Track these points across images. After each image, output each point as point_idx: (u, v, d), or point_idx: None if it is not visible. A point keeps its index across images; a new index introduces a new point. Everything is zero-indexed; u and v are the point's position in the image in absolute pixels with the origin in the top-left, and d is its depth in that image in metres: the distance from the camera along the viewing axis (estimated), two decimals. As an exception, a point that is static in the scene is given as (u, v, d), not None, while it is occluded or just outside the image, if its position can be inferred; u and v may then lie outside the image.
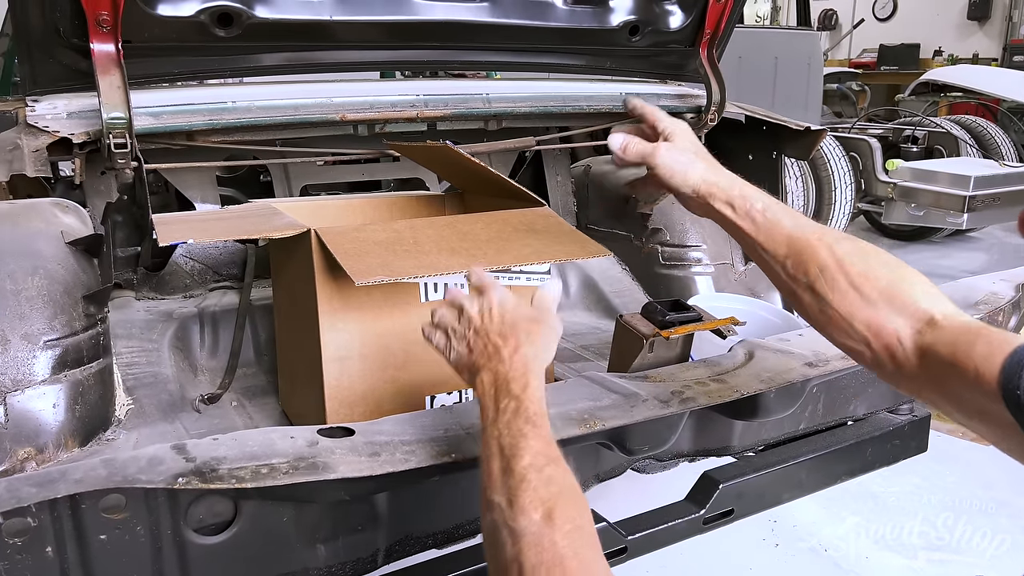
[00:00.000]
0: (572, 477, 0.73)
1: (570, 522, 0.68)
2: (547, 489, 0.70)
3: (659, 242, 2.11)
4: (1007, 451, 0.74)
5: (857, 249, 0.87)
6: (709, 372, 1.10)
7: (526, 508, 0.68)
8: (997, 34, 9.93)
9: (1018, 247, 5.18)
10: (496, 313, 0.89)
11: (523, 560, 0.65)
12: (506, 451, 0.74)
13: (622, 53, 1.80)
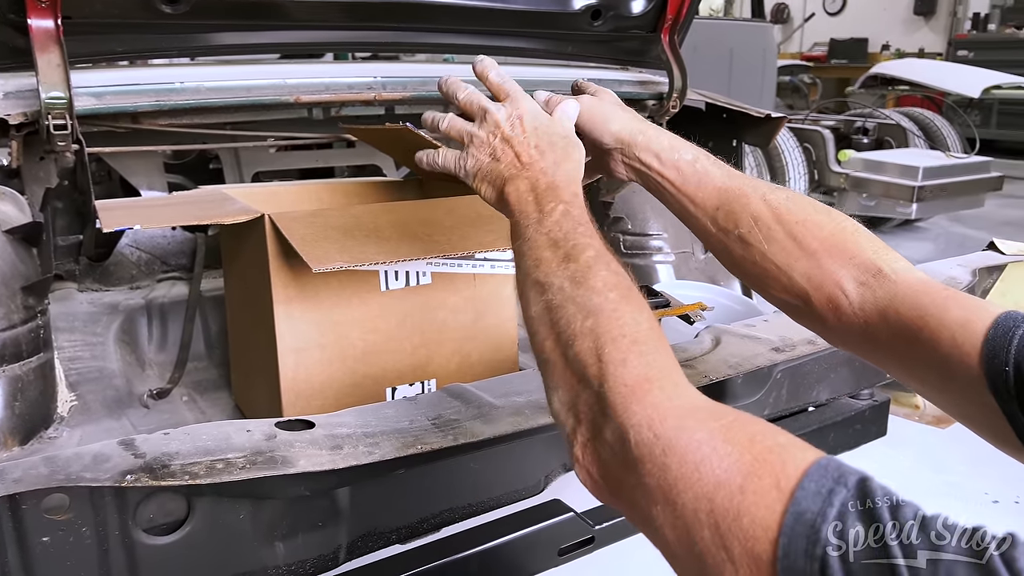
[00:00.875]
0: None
1: (646, 311, 0.60)
2: (619, 278, 0.63)
3: (621, 231, 2.10)
4: (974, 426, 0.70)
5: (793, 197, 0.82)
6: (678, 358, 1.08)
7: (599, 289, 0.61)
8: (942, 29, 10.19)
9: (963, 236, 5.31)
10: (529, 124, 0.81)
11: (600, 332, 0.57)
12: (562, 244, 0.66)
13: (584, 38, 1.77)
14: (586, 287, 0.61)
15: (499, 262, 1.34)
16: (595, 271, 0.62)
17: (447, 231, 1.21)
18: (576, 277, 0.62)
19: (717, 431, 0.48)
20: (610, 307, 0.58)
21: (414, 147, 1.46)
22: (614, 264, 0.64)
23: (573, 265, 0.63)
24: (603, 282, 0.61)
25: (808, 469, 0.43)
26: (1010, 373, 0.64)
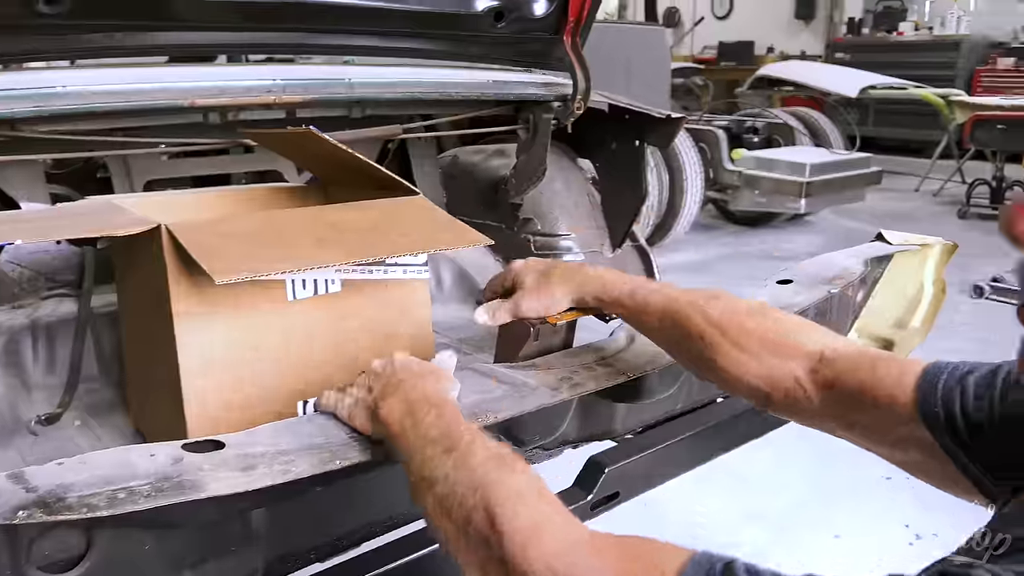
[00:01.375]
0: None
1: (526, 470, 0.66)
2: (496, 451, 0.68)
3: (531, 231, 2.11)
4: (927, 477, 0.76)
5: (730, 306, 0.90)
6: (595, 356, 1.09)
7: (480, 464, 0.66)
8: (821, 33, 10.75)
9: (848, 228, 5.61)
10: (399, 362, 0.90)
11: (488, 499, 0.62)
12: (440, 440, 0.71)
13: (487, 40, 1.76)
14: (468, 468, 0.66)
15: (412, 267, 1.32)
16: (473, 451, 0.68)
17: (357, 235, 1.17)
18: (458, 463, 0.68)
19: (607, 558, 0.55)
20: (492, 477, 0.64)
21: (318, 150, 1.42)
22: (490, 442, 0.70)
23: (455, 454, 0.69)
24: (482, 458, 0.67)
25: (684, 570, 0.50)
26: (940, 412, 0.70)
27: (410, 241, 1.19)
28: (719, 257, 5.08)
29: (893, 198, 6.75)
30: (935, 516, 2.16)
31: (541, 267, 1.07)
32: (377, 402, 0.82)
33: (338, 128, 1.70)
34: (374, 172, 1.35)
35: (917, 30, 9.49)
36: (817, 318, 1.44)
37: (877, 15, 9.97)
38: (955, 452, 0.70)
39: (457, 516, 0.64)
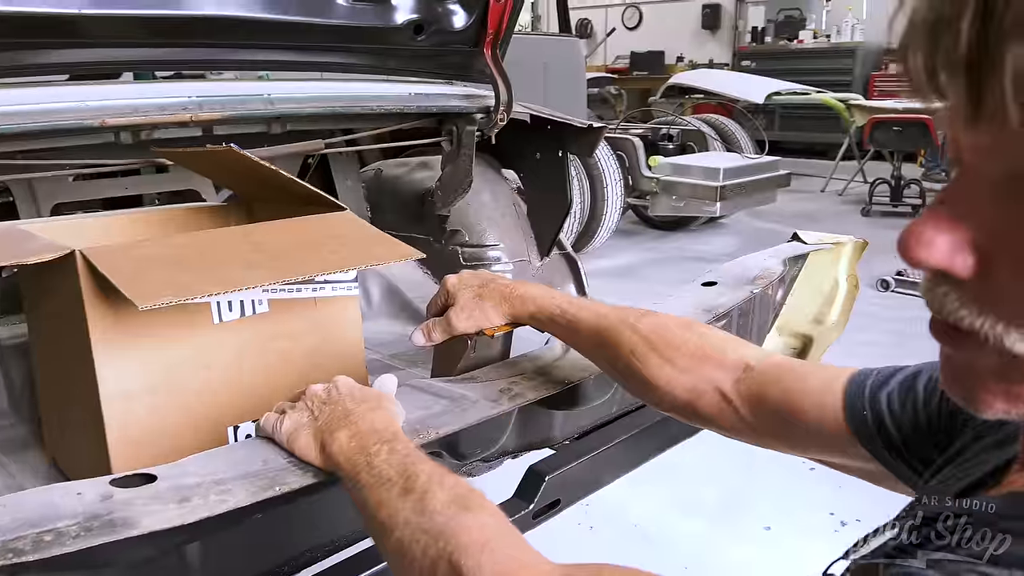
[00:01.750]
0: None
1: (487, 509, 0.65)
2: (455, 491, 0.66)
3: (458, 243, 2.10)
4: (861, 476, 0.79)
5: (659, 321, 0.93)
6: (532, 366, 1.09)
7: (440, 510, 0.64)
8: (726, 42, 11.13)
9: (761, 229, 5.81)
10: (343, 386, 0.88)
11: (451, 549, 0.61)
12: (396, 479, 0.69)
13: (407, 53, 1.76)
14: (428, 513, 0.65)
15: (341, 283, 1.29)
16: (431, 494, 0.67)
17: (283, 255, 1.15)
18: (417, 507, 0.66)
19: None
20: (454, 524, 0.63)
21: (240, 168, 1.38)
22: (448, 479, 0.69)
23: (412, 496, 0.67)
24: (442, 502, 0.65)
25: None
26: (868, 415, 0.72)
27: (340, 258, 1.17)
28: (642, 262, 5.18)
29: (801, 199, 7.03)
30: (857, 503, 2.25)
31: (475, 283, 1.07)
32: (324, 435, 0.80)
33: (258, 144, 1.66)
34: (299, 188, 1.32)
35: (816, 38, 9.93)
36: (741, 318, 1.48)
37: (778, 24, 10.39)
38: (882, 454, 0.73)
39: (420, 566, 0.62)
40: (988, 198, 0.41)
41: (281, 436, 0.84)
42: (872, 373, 0.75)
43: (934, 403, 0.69)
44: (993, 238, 0.41)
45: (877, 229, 5.70)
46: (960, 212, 0.42)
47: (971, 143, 0.41)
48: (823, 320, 1.78)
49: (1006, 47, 0.36)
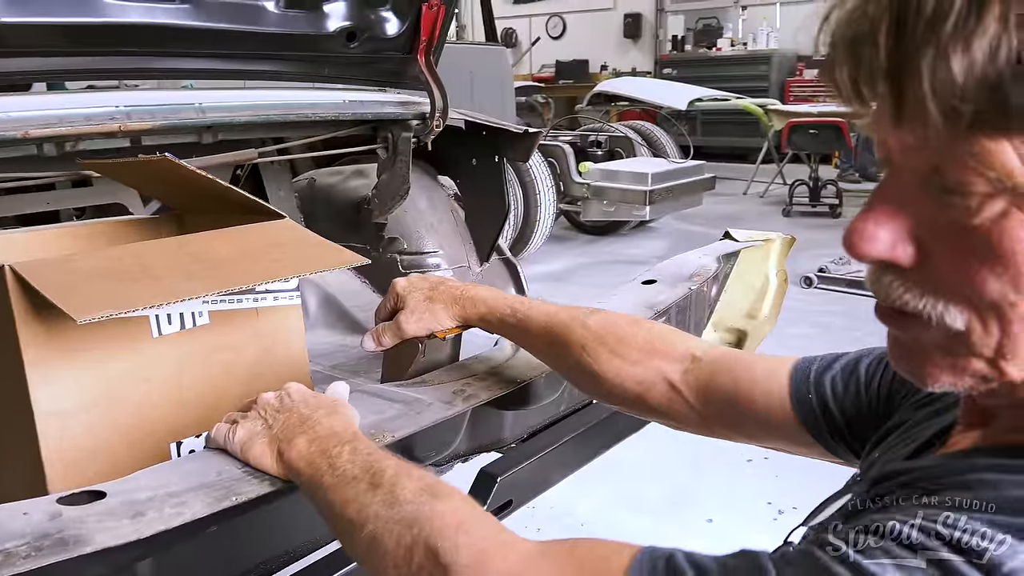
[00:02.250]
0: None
1: (458, 495, 0.65)
2: (424, 480, 0.66)
3: (397, 251, 2.10)
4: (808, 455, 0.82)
5: (608, 317, 0.95)
6: (483, 367, 1.10)
7: (411, 499, 0.64)
8: (648, 50, 11.38)
9: (689, 232, 5.96)
10: (296, 393, 0.87)
11: (427, 534, 0.60)
12: (362, 476, 0.69)
13: (341, 60, 1.75)
14: (399, 503, 0.64)
15: (283, 292, 1.27)
16: (401, 485, 0.66)
17: (225, 264, 1.12)
18: (387, 500, 0.65)
19: (555, 569, 0.55)
20: (427, 510, 0.63)
21: (173, 178, 1.35)
22: (415, 471, 0.69)
23: (380, 491, 0.67)
24: (412, 491, 0.65)
25: (628, 571, 0.51)
26: (813, 399, 0.76)
27: (282, 266, 1.15)
28: (577, 266, 5.25)
29: (726, 201, 7.23)
30: (793, 491, 2.33)
31: (425, 287, 1.07)
32: (281, 443, 0.79)
33: (188, 155, 1.62)
34: (236, 198, 1.30)
35: (733, 46, 10.25)
36: (680, 314, 1.52)
37: (697, 33, 10.69)
38: (825, 438, 0.76)
39: (395, 556, 0.62)
40: (918, 192, 0.45)
41: (234, 446, 0.82)
42: (816, 359, 0.78)
43: (875, 384, 0.73)
44: (927, 228, 0.46)
45: (798, 228, 5.90)
46: (896, 206, 0.47)
47: (898, 143, 0.46)
48: (756, 314, 1.84)
49: (921, 55, 0.41)
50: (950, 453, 0.54)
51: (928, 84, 0.41)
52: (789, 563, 0.45)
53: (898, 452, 0.61)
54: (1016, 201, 0.42)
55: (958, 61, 0.39)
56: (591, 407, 1.49)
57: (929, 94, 0.41)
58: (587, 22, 11.65)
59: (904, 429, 0.64)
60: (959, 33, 0.39)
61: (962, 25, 0.39)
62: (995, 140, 0.41)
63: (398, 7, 1.77)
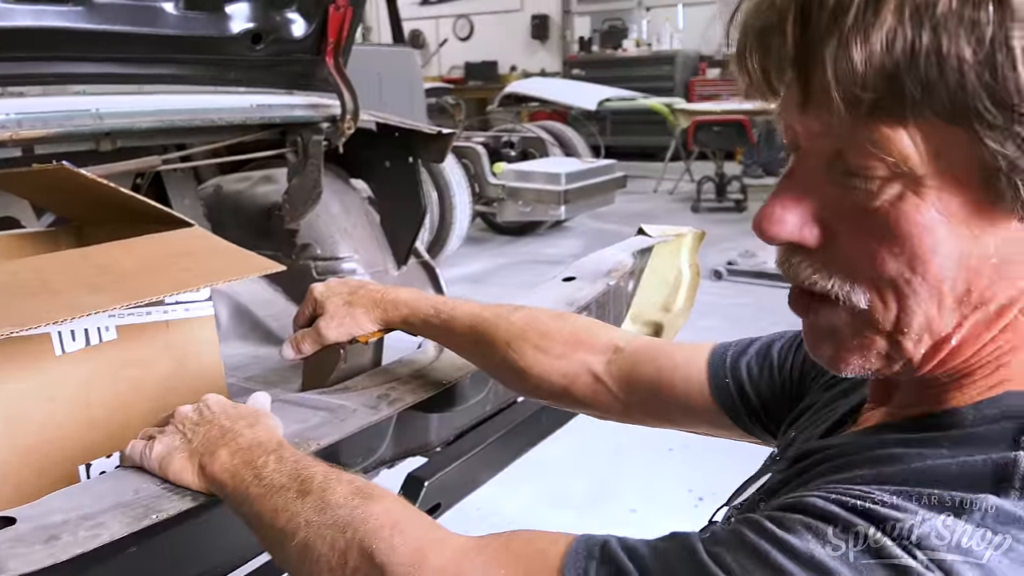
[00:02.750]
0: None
1: (388, 496, 0.64)
2: (354, 484, 0.65)
3: (310, 257, 2.06)
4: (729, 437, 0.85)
5: (531, 313, 0.96)
6: (407, 370, 1.09)
7: (342, 503, 0.63)
8: (556, 51, 11.52)
9: (603, 230, 6.06)
10: (215, 404, 0.84)
11: (361, 536, 0.59)
12: (290, 484, 0.67)
13: (246, 63, 1.70)
14: (331, 509, 0.63)
15: (194, 303, 1.23)
16: (331, 490, 0.65)
17: (132, 276, 1.08)
18: (318, 506, 0.64)
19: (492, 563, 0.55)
20: (360, 512, 0.62)
21: (71, 188, 1.28)
22: (344, 475, 0.68)
23: (310, 497, 0.65)
24: (343, 494, 0.64)
25: (565, 561, 0.51)
26: (730, 383, 0.79)
27: (193, 276, 1.11)
28: (495, 267, 5.27)
29: (637, 200, 7.40)
30: (712, 478, 2.40)
31: (344, 291, 1.05)
32: (203, 456, 0.76)
33: (85, 163, 1.55)
34: (140, 207, 1.25)
35: (638, 46, 10.49)
36: (599, 309, 1.55)
37: (603, 34, 10.89)
38: (743, 420, 0.79)
39: (329, 561, 0.60)
40: (823, 176, 0.48)
41: (152, 463, 0.79)
42: (732, 345, 0.81)
43: (787, 367, 0.76)
44: (831, 210, 0.48)
45: (706, 224, 6.07)
46: (802, 191, 0.49)
47: (804, 129, 0.48)
48: (671, 307, 1.89)
49: (825, 45, 0.43)
50: (860, 430, 0.57)
51: (832, 72, 0.43)
52: (717, 542, 0.46)
53: (813, 431, 0.64)
54: (911, 185, 0.45)
55: (858, 51, 0.42)
56: (516, 405, 1.50)
57: (833, 82, 0.43)
58: (494, 23, 11.71)
59: (816, 409, 0.67)
60: (859, 25, 0.42)
61: (862, 18, 0.42)
62: (892, 127, 0.43)
63: (304, 9, 1.74)
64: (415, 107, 6.13)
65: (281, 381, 1.77)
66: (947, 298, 0.46)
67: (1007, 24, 0.40)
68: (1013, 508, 0.41)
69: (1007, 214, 0.44)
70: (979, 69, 0.40)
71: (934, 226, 0.45)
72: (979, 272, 0.46)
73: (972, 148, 0.43)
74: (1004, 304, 0.47)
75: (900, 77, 0.42)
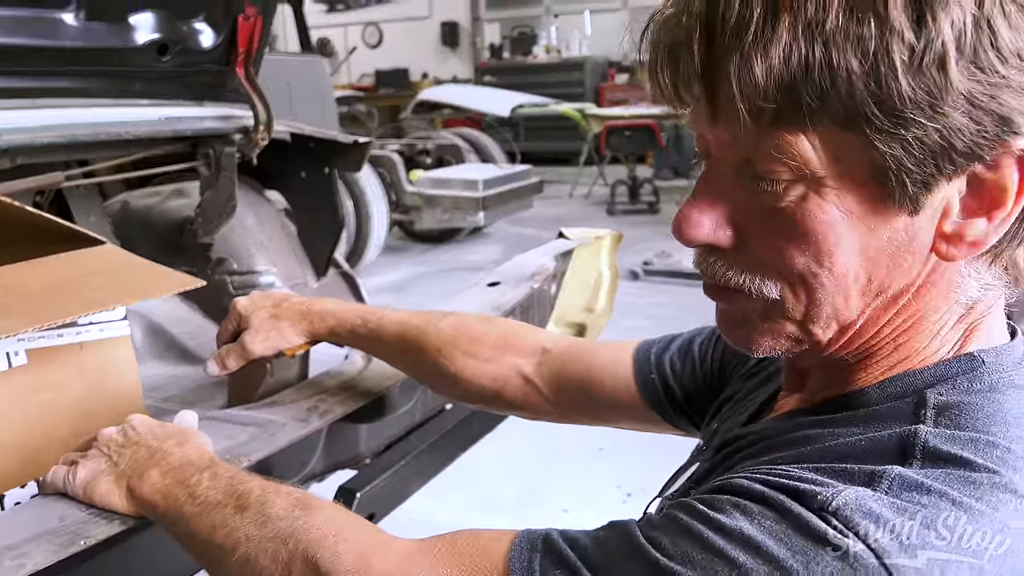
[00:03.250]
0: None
1: (329, 505, 0.64)
2: (292, 496, 0.65)
3: (226, 271, 2.01)
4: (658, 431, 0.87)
5: (460, 319, 0.98)
6: (335, 382, 1.08)
7: (283, 515, 0.62)
8: (467, 58, 11.55)
9: (522, 235, 6.12)
10: (141, 425, 0.82)
11: (304, 546, 0.59)
12: (227, 500, 0.66)
13: (153, 74, 1.65)
14: (271, 521, 0.63)
15: (109, 323, 1.19)
16: (270, 503, 0.65)
17: (41, 296, 1.04)
18: (258, 520, 0.64)
19: (437, 563, 0.56)
20: (301, 523, 0.62)
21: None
22: (282, 488, 0.68)
23: (249, 512, 0.65)
24: (283, 506, 0.64)
25: (509, 557, 0.52)
26: (655, 378, 0.82)
27: (107, 295, 1.08)
28: (415, 276, 5.24)
29: (553, 204, 7.49)
30: (640, 474, 2.46)
31: (268, 304, 1.04)
32: (131, 479, 0.74)
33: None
34: (47, 225, 1.20)
35: (548, 53, 10.64)
36: (524, 313, 1.57)
37: (513, 40, 10.99)
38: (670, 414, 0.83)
39: (272, 574, 0.60)
40: (734, 181, 0.52)
41: (76, 488, 0.76)
42: (655, 342, 0.85)
43: (708, 360, 0.80)
44: (743, 212, 0.52)
45: (622, 226, 6.18)
46: (715, 196, 0.53)
47: (715, 139, 0.52)
48: (593, 308, 1.93)
49: (728, 61, 0.47)
50: (778, 416, 0.60)
51: (736, 86, 0.46)
52: (654, 527, 0.49)
53: (735, 420, 0.67)
54: (813, 187, 0.48)
55: (759, 66, 0.45)
56: (446, 412, 1.51)
57: (737, 95, 0.47)
58: (404, 31, 11.65)
59: (736, 400, 0.71)
60: (758, 42, 0.45)
61: (760, 35, 0.45)
62: (794, 134, 0.47)
63: (212, 19, 1.70)
64: (327, 116, 6.05)
65: (201, 400, 1.72)
66: (851, 288, 0.50)
67: (887, 38, 0.43)
68: (915, 476, 0.46)
69: (898, 209, 0.48)
70: (866, 79, 0.44)
71: (835, 223, 0.48)
72: (877, 262, 0.50)
73: (865, 151, 0.46)
74: (900, 290, 0.51)
75: (797, 88, 0.45)
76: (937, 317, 0.52)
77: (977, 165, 0.46)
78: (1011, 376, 0.51)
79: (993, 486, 0.45)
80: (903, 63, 0.43)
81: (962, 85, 0.43)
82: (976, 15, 0.43)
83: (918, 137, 0.45)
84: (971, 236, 0.48)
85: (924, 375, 0.52)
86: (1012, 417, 0.49)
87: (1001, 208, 0.47)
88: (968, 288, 0.52)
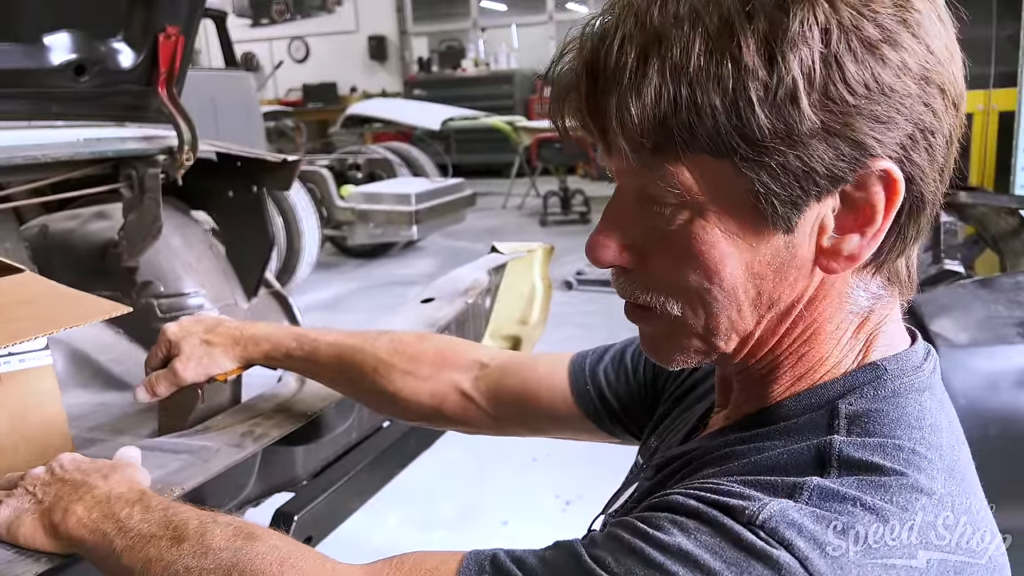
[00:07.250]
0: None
1: (271, 533, 0.63)
2: (233, 525, 0.64)
3: (153, 295, 1.96)
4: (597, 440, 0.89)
5: (397, 337, 0.98)
6: (270, 405, 1.07)
7: (225, 546, 0.62)
8: (396, 71, 11.52)
9: (456, 248, 6.12)
10: (68, 462, 0.80)
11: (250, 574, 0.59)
12: (161, 532, 0.65)
13: (71, 95, 1.61)
14: (213, 552, 0.62)
15: (30, 353, 1.16)
16: (210, 534, 0.64)
17: (-44, 331, 1.00)
18: (197, 551, 0.63)
19: None
20: (244, 552, 0.61)
21: None
22: (220, 517, 0.67)
23: (187, 544, 0.64)
24: (224, 537, 0.63)
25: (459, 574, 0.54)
26: (591, 389, 0.84)
27: (29, 324, 1.04)
28: (348, 291, 5.18)
29: (486, 216, 7.52)
30: (577, 482, 2.49)
31: (200, 330, 1.02)
32: (54, 515, 0.72)
33: None
34: (-40, 254, 1.16)
35: (477, 66, 10.69)
36: (459, 328, 1.58)
37: (442, 54, 11.01)
38: (606, 424, 0.85)
39: None
40: (633, 207, 0.56)
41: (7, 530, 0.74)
42: (589, 353, 0.87)
43: (641, 369, 0.83)
44: (642, 236, 0.56)
45: (554, 237, 6.29)
46: (619, 220, 0.57)
47: (615, 169, 0.57)
48: (527, 320, 1.96)
49: (609, 101, 0.51)
50: (709, 434, 0.64)
51: (617, 124, 0.51)
52: (597, 545, 0.51)
53: (673, 439, 0.70)
54: (697, 211, 0.53)
55: (635, 105, 0.50)
56: (383, 430, 1.50)
57: (619, 132, 0.51)
58: (331, 45, 11.55)
59: (673, 418, 0.74)
60: (632, 84, 0.50)
61: (634, 78, 0.50)
62: (674, 164, 0.51)
63: (131, 38, 1.67)
64: (253, 132, 5.95)
65: (130, 428, 1.67)
66: (743, 301, 0.54)
67: (744, 77, 0.47)
68: (832, 485, 0.49)
69: (774, 229, 0.52)
70: (727, 113, 0.48)
71: (719, 243, 0.52)
72: (763, 277, 0.53)
73: (738, 177, 0.50)
74: (791, 302, 0.55)
75: (668, 124, 0.49)
76: (833, 327, 0.56)
77: (846, 185, 0.50)
78: (911, 380, 0.55)
79: (902, 487, 0.49)
80: (759, 98, 0.47)
81: (815, 116, 0.47)
82: (824, 53, 0.47)
83: (780, 164, 0.49)
84: (847, 251, 0.52)
85: (835, 387, 0.56)
86: (914, 419, 0.53)
87: (871, 224, 0.51)
88: (858, 298, 0.56)
